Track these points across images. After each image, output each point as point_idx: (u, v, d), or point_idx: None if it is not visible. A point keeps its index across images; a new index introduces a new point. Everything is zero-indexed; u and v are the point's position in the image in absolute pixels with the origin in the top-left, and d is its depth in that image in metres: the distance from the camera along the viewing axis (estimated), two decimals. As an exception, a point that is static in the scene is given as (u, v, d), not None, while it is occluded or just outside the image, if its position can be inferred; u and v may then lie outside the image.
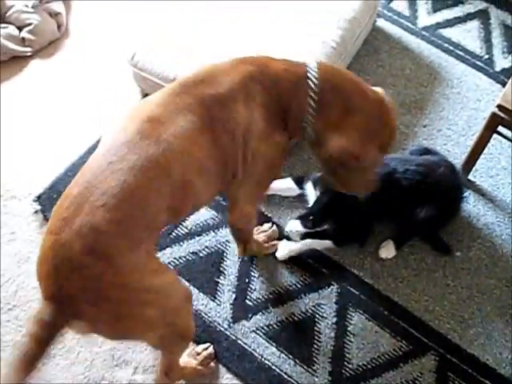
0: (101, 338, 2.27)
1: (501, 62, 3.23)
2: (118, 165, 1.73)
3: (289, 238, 2.60)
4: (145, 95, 3.00)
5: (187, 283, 2.52)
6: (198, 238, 2.65)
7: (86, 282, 1.67)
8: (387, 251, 2.62)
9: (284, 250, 2.59)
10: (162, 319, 1.84)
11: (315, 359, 2.41)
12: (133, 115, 1.87)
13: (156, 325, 1.86)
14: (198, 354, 2.37)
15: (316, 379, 2.37)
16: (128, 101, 3.02)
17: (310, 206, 2.61)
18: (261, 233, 2.64)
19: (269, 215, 2.71)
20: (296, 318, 2.49)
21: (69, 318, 1.70)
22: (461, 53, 3.26)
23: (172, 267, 2.56)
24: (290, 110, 2.02)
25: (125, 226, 1.71)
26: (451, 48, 3.27)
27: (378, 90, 2.16)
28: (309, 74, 2.00)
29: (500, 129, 2.54)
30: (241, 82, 1.94)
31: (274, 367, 2.39)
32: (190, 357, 2.36)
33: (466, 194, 2.76)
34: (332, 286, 2.55)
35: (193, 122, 1.85)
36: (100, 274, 1.67)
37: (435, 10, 3.41)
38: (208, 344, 2.40)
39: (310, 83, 1.99)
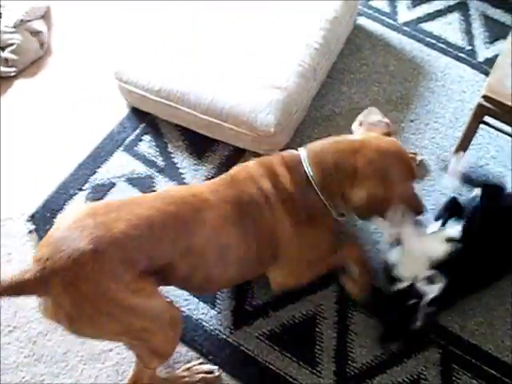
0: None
1: (483, 53, 3.24)
2: (158, 205, 2.05)
3: None
4: (132, 108, 3.01)
5: (186, 293, 2.52)
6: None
7: (70, 263, 1.83)
8: None
9: None
10: (127, 334, 2.00)
11: (319, 360, 2.42)
12: (180, 188, 2.37)
13: (118, 337, 2.05)
14: (198, 372, 2.35)
15: (321, 380, 2.37)
16: (116, 115, 3.02)
17: None
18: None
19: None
20: (297, 321, 2.49)
21: (42, 285, 1.86)
22: (443, 46, 3.27)
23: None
24: (310, 206, 2.28)
25: (132, 244, 1.93)
26: (433, 41, 3.28)
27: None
28: (304, 167, 2.28)
29: (487, 119, 2.55)
30: (258, 184, 2.25)
31: (278, 371, 2.39)
32: (185, 371, 2.34)
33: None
34: (331, 286, 2.55)
35: (230, 214, 2.17)
36: (84, 263, 1.84)
37: (415, 4, 3.42)
38: (215, 368, 2.38)
39: (309, 175, 2.27)
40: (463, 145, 2.71)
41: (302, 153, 2.33)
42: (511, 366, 2.41)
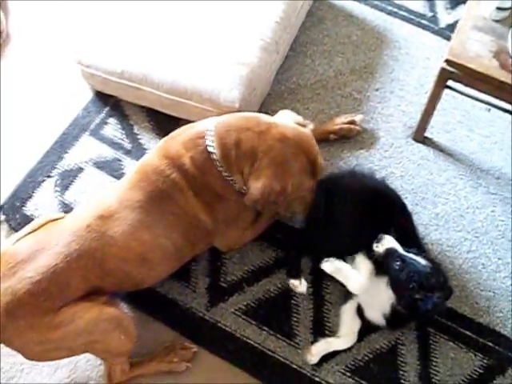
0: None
1: (445, 19, 3.24)
2: (61, 249, 2.10)
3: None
4: (95, 92, 2.98)
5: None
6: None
7: None
8: None
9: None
10: (75, 352, 2.20)
11: (296, 332, 2.43)
12: (90, 207, 2.23)
13: (71, 354, 2.23)
14: (174, 349, 2.37)
15: (300, 351, 2.40)
16: (79, 99, 2.99)
17: None
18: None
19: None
20: (272, 294, 2.50)
21: None
22: (405, 13, 3.27)
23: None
24: (211, 183, 2.26)
25: (38, 299, 2.04)
26: (395, 10, 3.28)
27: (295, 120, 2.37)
28: (208, 147, 2.23)
29: (450, 83, 2.56)
30: (164, 175, 2.24)
31: (256, 345, 2.41)
32: (163, 351, 2.37)
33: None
34: (303, 259, 2.55)
35: (140, 220, 2.19)
36: (4, 326, 2.03)
37: (375, -27, 3.42)
38: (192, 346, 2.40)
39: (213, 155, 2.23)
40: (428, 111, 2.72)
41: (209, 126, 2.28)
42: (486, 326, 2.46)
